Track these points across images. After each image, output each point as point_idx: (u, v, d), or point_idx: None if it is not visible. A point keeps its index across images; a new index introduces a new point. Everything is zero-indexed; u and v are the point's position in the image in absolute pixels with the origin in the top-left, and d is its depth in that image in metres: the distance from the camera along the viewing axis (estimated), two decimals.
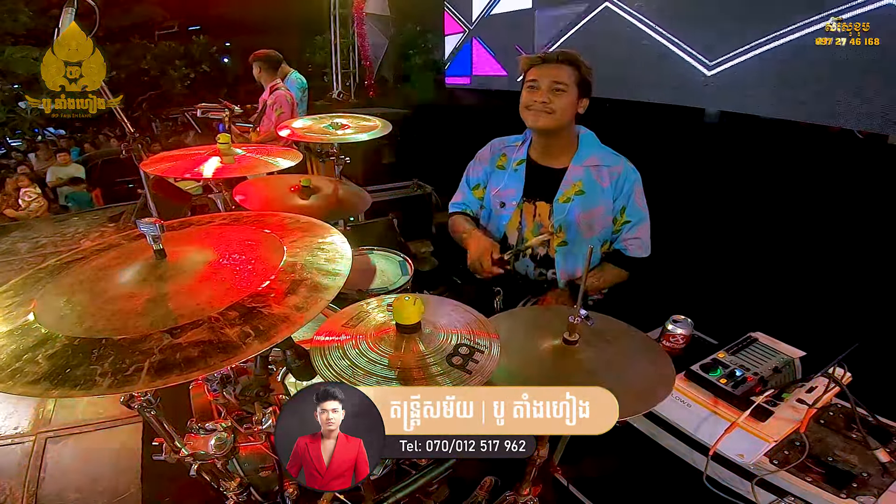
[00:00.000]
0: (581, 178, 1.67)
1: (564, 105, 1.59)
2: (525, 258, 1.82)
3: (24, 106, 7.83)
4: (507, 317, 1.22)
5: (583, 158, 1.68)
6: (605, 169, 1.66)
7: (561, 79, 1.58)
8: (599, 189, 1.66)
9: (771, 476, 1.09)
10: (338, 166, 2.31)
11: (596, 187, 1.66)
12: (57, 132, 8.58)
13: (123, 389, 0.66)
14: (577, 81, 1.59)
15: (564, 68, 1.59)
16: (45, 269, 0.97)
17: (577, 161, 1.68)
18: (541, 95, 1.59)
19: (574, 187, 1.67)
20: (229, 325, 0.75)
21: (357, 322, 1.03)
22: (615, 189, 1.66)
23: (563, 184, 1.68)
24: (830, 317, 1.78)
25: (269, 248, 0.98)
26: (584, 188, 1.66)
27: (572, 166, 1.68)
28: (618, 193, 1.66)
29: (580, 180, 1.67)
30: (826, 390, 1.25)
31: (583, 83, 1.61)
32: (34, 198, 6.04)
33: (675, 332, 1.46)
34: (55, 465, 1.89)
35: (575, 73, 1.59)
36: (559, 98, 1.58)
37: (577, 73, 1.59)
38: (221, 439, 1.03)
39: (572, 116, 1.64)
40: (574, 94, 1.60)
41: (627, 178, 1.66)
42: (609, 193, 1.66)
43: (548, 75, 1.59)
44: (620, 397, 0.93)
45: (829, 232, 1.91)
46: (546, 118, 1.61)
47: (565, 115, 1.61)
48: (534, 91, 1.61)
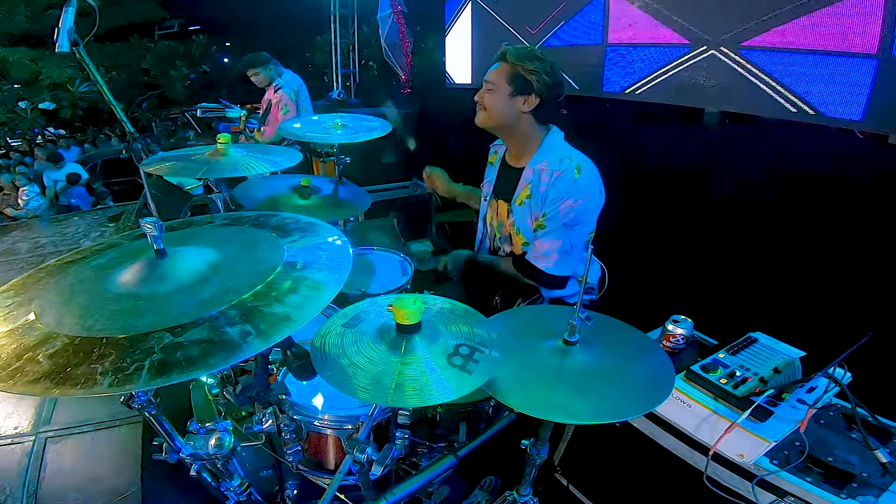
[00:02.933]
0: (529, 181, 1.63)
1: (493, 102, 1.60)
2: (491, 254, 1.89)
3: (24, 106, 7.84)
4: (507, 317, 1.22)
5: (537, 161, 1.63)
6: (549, 174, 1.58)
7: (491, 78, 1.60)
8: (539, 195, 1.60)
9: (771, 476, 1.09)
10: (338, 166, 2.31)
11: (537, 191, 1.61)
12: (57, 132, 8.59)
13: (124, 388, 0.66)
14: (507, 79, 1.57)
15: (500, 66, 1.59)
16: (46, 269, 0.97)
17: (532, 163, 1.65)
18: (478, 95, 1.64)
19: (525, 190, 1.64)
20: (230, 325, 0.76)
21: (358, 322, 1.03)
22: (547, 192, 1.58)
23: (519, 186, 1.67)
24: (831, 317, 1.78)
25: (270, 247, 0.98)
26: (531, 191, 1.62)
27: (527, 168, 1.65)
28: (549, 196, 1.57)
29: (528, 183, 1.63)
30: (826, 390, 1.25)
31: (517, 80, 1.56)
32: (32, 196, 6.05)
33: (675, 332, 1.46)
34: (55, 465, 1.89)
35: (506, 70, 1.57)
36: (488, 96, 1.61)
37: (508, 69, 1.57)
38: (221, 439, 1.03)
39: (514, 114, 1.60)
40: (505, 92, 1.58)
41: (559, 185, 1.55)
42: (542, 197, 1.60)
43: (487, 74, 1.62)
44: (620, 398, 0.94)
45: (830, 232, 1.91)
46: (481, 116, 1.66)
47: (495, 111, 1.61)
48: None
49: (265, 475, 1.52)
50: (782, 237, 2.08)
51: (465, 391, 0.85)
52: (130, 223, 4.75)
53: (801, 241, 2.01)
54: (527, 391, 0.95)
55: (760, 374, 1.30)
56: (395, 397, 0.84)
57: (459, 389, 0.85)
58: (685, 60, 2.15)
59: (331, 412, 1.26)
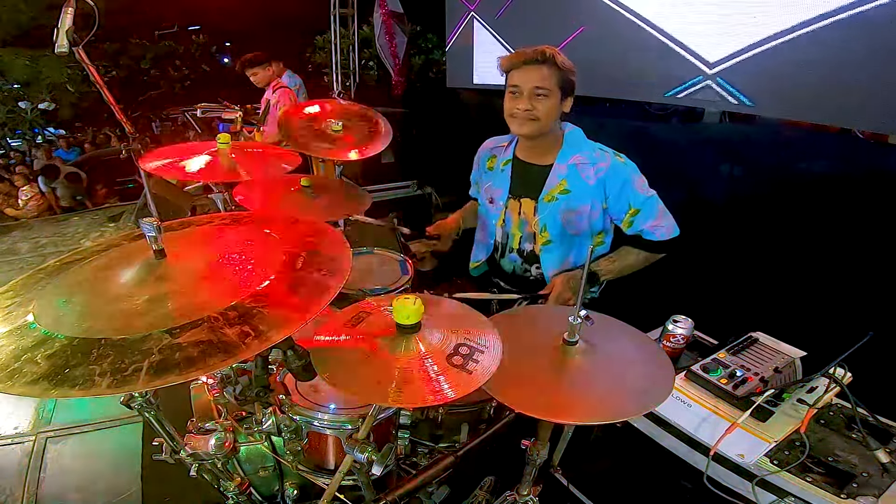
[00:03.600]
0: (566, 177, 1.63)
1: (548, 109, 1.54)
2: (511, 254, 1.84)
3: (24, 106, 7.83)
4: (507, 317, 1.22)
5: (567, 156, 1.64)
6: (591, 166, 1.61)
7: (543, 83, 1.51)
8: (585, 187, 1.62)
9: (771, 476, 1.09)
10: (338, 166, 2.31)
11: (581, 185, 1.62)
12: (57, 132, 8.58)
13: (123, 389, 0.66)
14: (559, 83, 1.53)
15: (544, 70, 1.51)
16: (46, 269, 0.96)
17: (561, 159, 1.64)
18: (524, 103, 1.54)
19: (559, 186, 1.64)
20: (229, 325, 0.75)
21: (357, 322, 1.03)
22: (604, 186, 1.60)
23: (548, 182, 1.66)
24: (831, 317, 1.78)
25: (269, 247, 0.98)
26: (570, 186, 1.63)
27: (556, 164, 1.65)
28: (613, 191, 1.61)
29: (565, 178, 1.63)
30: (826, 390, 1.25)
31: (565, 83, 1.54)
32: (30, 196, 6.04)
33: (675, 332, 1.45)
34: (55, 465, 1.89)
35: (556, 74, 1.51)
36: (542, 103, 1.53)
37: (558, 73, 1.51)
38: (221, 439, 1.04)
39: (557, 117, 1.60)
40: (557, 97, 1.54)
41: (617, 172, 1.60)
42: (596, 191, 1.61)
43: (529, 80, 1.52)
44: (620, 398, 0.94)
45: (830, 232, 1.91)
46: (530, 125, 1.56)
47: (549, 119, 1.56)
48: (516, 98, 1.55)
49: (265, 475, 1.51)
50: (782, 237, 2.08)
51: (465, 391, 0.85)
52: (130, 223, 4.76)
53: (801, 241, 2.01)
54: (527, 391, 0.95)
55: (760, 374, 1.30)
56: (395, 397, 0.84)
57: (459, 389, 0.85)
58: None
59: (331, 412, 1.26)
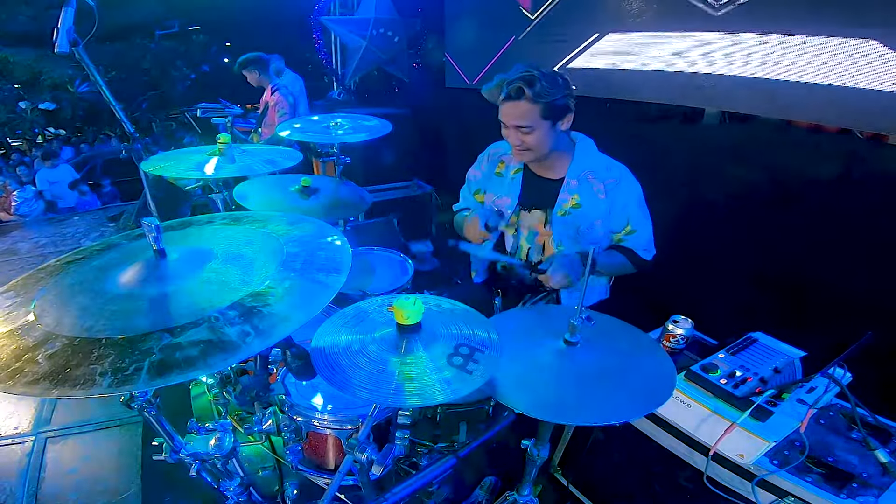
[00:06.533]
0: (577, 191, 1.62)
1: (538, 141, 1.52)
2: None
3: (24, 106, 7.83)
4: (508, 317, 1.22)
5: (579, 170, 1.62)
6: (601, 182, 1.60)
7: (523, 121, 1.48)
8: (596, 201, 1.61)
9: (771, 476, 1.09)
10: (338, 166, 2.31)
11: (593, 199, 1.61)
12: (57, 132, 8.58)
13: (123, 389, 0.66)
14: (541, 114, 1.47)
15: (522, 106, 1.46)
16: (46, 269, 0.96)
17: (572, 173, 1.63)
18: (513, 137, 1.54)
19: (572, 200, 1.63)
20: (229, 325, 0.75)
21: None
22: (613, 201, 1.60)
23: (561, 196, 1.64)
24: (831, 317, 1.78)
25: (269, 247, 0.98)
26: (581, 201, 1.62)
27: (567, 179, 1.63)
28: (618, 206, 1.60)
29: (577, 193, 1.62)
30: (826, 390, 1.25)
31: (551, 111, 1.48)
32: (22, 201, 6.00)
33: (675, 332, 1.46)
34: (55, 465, 1.89)
35: (537, 108, 1.46)
36: (529, 137, 1.51)
37: (538, 106, 1.45)
38: (221, 439, 1.03)
39: (556, 137, 1.56)
40: (544, 127, 1.50)
41: (626, 189, 1.60)
42: (606, 205, 1.61)
43: (510, 117, 1.50)
44: (621, 398, 0.94)
45: (829, 232, 1.91)
46: (527, 155, 1.58)
47: (543, 146, 1.55)
48: (507, 130, 1.55)
49: (265, 475, 1.52)
50: (782, 237, 2.08)
51: (465, 391, 0.85)
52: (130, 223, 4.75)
53: (800, 241, 2.01)
54: (527, 391, 0.95)
55: (760, 375, 1.30)
56: (395, 397, 0.84)
57: (459, 389, 0.85)
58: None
59: (331, 412, 1.26)
